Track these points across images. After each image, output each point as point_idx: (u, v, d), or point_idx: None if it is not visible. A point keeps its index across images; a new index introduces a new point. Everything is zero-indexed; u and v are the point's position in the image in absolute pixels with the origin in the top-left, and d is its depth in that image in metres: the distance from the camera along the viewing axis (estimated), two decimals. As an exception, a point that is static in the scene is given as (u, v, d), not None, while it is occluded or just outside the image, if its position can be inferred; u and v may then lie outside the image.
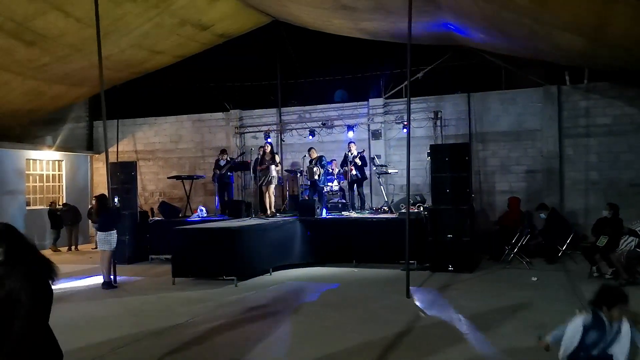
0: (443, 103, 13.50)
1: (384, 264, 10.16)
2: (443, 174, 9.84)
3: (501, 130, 13.03)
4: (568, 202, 12.49)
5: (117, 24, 11.39)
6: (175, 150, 16.29)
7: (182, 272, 9.14)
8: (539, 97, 12.80)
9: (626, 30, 6.98)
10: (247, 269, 9.25)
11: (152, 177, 16.36)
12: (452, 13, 9.48)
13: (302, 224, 10.67)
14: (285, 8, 11.49)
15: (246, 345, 5.65)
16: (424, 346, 5.50)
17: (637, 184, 11.87)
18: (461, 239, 9.62)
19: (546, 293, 7.80)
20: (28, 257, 2.87)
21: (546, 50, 10.11)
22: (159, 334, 6.05)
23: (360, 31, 11.85)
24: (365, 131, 14.14)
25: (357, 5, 9.83)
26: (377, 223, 10.56)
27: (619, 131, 12.07)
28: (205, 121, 16.04)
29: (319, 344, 5.63)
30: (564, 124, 12.60)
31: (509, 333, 5.83)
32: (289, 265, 10.26)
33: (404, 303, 7.40)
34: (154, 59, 14.05)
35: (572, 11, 7.03)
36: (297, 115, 15.06)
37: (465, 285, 8.57)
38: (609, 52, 8.64)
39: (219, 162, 13.28)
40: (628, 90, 11.99)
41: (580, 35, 7.81)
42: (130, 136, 16.63)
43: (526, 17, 7.90)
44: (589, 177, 12.42)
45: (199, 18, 12.34)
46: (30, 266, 2.81)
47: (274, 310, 7.24)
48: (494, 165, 13.11)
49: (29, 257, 2.88)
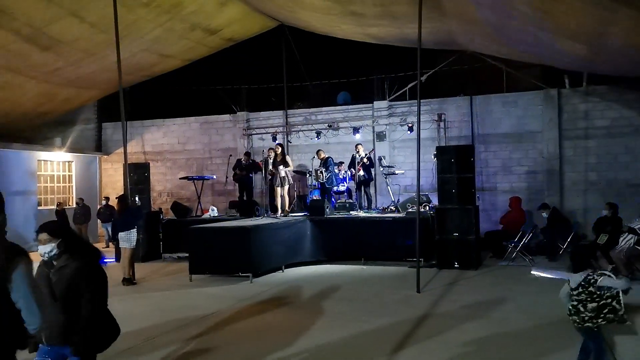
0: (446, 105, 13.88)
1: (391, 262, 10.50)
2: (449, 175, 10.20)
3: (503, 132, 13.42)
4: (568, 202, 12.88)
5: (130, 28, 11.70)
6: (183, 151, 16.62)
7: (198, 269, 9.48)
8: (540, 100, 13.20)
9: (626, 38, 7.36)
10: (261, 266, 9.59)
11: (160, 178, 16.67)
12: (456, 20, 9.85)
13: (313, 224, 11.01)
14: (294, 14, 11.84)
15: (268, 332, 6.05)
16: (438, 333, 5.89)
17: (635, 184, 12.29)
18: (466, 238, 9.98)
19: (548, 288, 8.18)
20: (82, 248, 3.24)
21: (549, 55, 10.50)
22: (186, 326, 6.40)
23: (367, 36, 12.22)
24: (370, 133, 14.51)
25: (365, 11, 10.19)
26: (384, 222, 10.91)
27: (617, 133, 12.48)
28: (213, 123, 16.37)
29: (337, 332, 6.00)
30: (564, 126, 12.99)
31: (513, 320, 6.21)
32: (299, 263, 10.61)
33: (416, 297, 7.76)
34: (164, 63, 14.38)
35: (575, 20, 7.41)
36: (303, 117, 15.41)
37: (472, 281, 8.94)
38: (610, 58, 9.02)
39: (241, 163, 13.61)
40: (626, 93, 12.40)
41: (583, 43, 8.20)
42: (138, 138, 16.94)
43: (530, 24, 8.28)
44: (588, 178, 12.82)
45: (208, 23, 12.68)
46: (86, 256, 3.18)
47: (291, 303, 7.61)
48: (496, 166, 13.50)
49: (83, 248, 3.25)
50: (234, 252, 9.28)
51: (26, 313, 2.65)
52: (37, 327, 2.68)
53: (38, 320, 2.66)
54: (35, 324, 2.67)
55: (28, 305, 2.64)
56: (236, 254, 9.28)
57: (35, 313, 2.65)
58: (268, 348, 5.48)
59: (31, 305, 2.65)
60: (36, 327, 2.68)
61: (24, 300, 2.64)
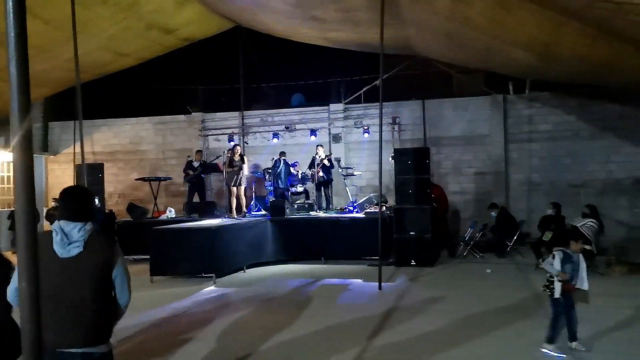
0: (400, 109, 14.35)
1: (351, 260, 10.79)
2: (407, 176, 10.62)
3: (454, 135, 14.02)
4: (513, 202, 13.61)
5: (86, 26, 11.41)
6: (136, 152, 16.32)
7: (160, 270, 9.41)
8: (488, 104, 13.89)
9: (572, 49, 7.95)
10: (224, 267, 9.63)
11: (111, 179, 16.25)
12: (415, 27, 10.27)
13: (273, 224, 11.14)
14: (254, 16, 11.93)
15: (240, 330, 6.17)
16: (405, 324, 6.23)
17: (575, 185, 13.16)
18: (423, 236, 10.41)
19: (500, 282, 8.76)
20: (108, 231, 3.31)
21: (499, 63, 11.11)
22: (158, 325, 6.42)
23: (327, 40, 12.47)
24: (327, 135, 14.78)
25: (327, 16, 10.43)
26: (343, 222, 11.18)
27: (559, 137, 13.32)
28: (167, 123, 16.17)
29: (308, 327, 6.20)
30: (510, 130, 13.74)
31: (471, 311, 6.61)
32: (261, 263, 10.72)
33: (378, 294, 8.07)
34: (119, 61, 14.10)
35: (526, 31, 7.94)
36: (260, 118, 15.50)
37: (429, 277, 9.37)
38: (556, 67, 9.68)
39: (192, 164, 13.49)
40: (567, 99, 13.27)
41: (533, 52, 8.77)
42: (88, 137, 16.42)
43: (484, 34, 8.77)
44: (532, 179, 13.60)
45: (165, 22, 12.55)
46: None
47: (258, 302, 7.72)
48: (447, 168, 14.09)
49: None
50: (197, 253, 9.28)
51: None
52: None
53: None
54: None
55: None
56: (199, 255, 9.29)
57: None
58: (241, 345, 5.62)
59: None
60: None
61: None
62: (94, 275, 2.81)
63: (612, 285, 8.20)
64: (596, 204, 10.47)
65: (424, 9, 8.74)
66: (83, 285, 2.79)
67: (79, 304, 2.79)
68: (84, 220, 2.88)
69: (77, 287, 2.79)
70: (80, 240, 2.81)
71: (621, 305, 6.90)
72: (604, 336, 5.57)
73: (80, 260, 2.79)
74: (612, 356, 5.08)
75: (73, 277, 2.78)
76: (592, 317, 5.82)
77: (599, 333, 5.62)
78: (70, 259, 2.78)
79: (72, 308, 2.77)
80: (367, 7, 9.30)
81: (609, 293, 7.39)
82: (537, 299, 7.08)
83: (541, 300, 6.53)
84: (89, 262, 2.81)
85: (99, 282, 2.83)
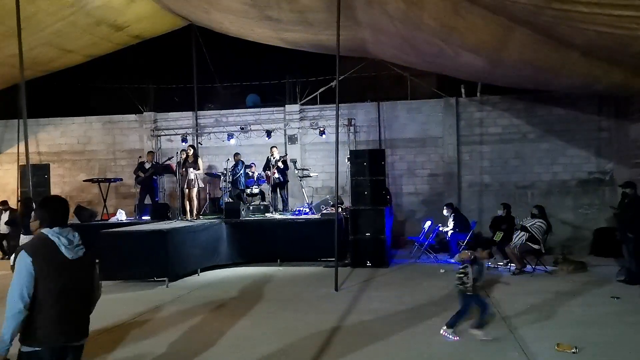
0: (355, 111, 14.43)
1: (307, 262, 10.76)
2: (362, 177, 10.67)
3: (408, 137, 14.21)
4: (465, 203, 13.91)
5: (29, 21, 10.95)
6: (84, 152, 15.75)
7: (110, 275, 9.03)
8: (441, 107, 14.15)
9: (520, 54, 8.19)
10: (177, 270, 9.41)
11: (57, 180, 15.61)
12: (370, 29, 10.34)
13: (228, 226, 10.97)
14: (208, 15, 11.72)
15: (197, 334, 6.01)
16: (363, 323, 6.23)
17: (523, 186, 13.59)
18: (379, 237, 10.49)
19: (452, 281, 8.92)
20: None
21: (451, 66, 11.33)
22: (109, 331, 6.18)
23: (281, 40, 12.39)
24: (282, 136, 14.70)
25: (281, 17, 10.36)
26: (299, 224, 11.12)
27: (508, 139, 13.72)
28: (117, 123, 15.69)
29: (267, 328, 6.14)
30: (462, 132, 14.04)
31: (424, 307, 6.70)
32: (216, 266, 10.53)
33: (335, 295, 8.07)
34: (64, 58, 13.58)
35: (476, 36, 8.12)
36: (214, 119, 15.25)
37: (385, 278, 9.44)
38: (505, 71, 9.95)
39: (143, 165, 13.11)
40: (516, 103, 13.68)
41: (483, 56, 8.98)
42: (33, 137, 15.73)
43: (437, 38, 8.92)
44: (483, 180, 13.95)
45: (114, 18, 12.18)
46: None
47: (213, 305, 7.55)
48: (402, 169, 14.26)
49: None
50: (150, 256, 9.03)
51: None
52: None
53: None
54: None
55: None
56: (152, 258, 9.04)
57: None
58: (193, 349, 5.49)
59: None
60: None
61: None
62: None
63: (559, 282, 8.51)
64: (543, 204, 10.81)
65: (378, 12, 8.80)
66: (88, 280, 3.33)
67: (86, 299, 3.32)
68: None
69: (85, 283, 3.31)
70: (81, 242, 3.27)
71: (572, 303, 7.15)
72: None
73: (84, 260, 3.27)
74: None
75: (81, 275, 3.26)
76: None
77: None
78: (77, 260, 3.21)
79: (81, 304, 3.27)
80: (322, 8, 9.30)
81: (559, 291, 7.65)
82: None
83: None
84: (89, 261, 3.35)
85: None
